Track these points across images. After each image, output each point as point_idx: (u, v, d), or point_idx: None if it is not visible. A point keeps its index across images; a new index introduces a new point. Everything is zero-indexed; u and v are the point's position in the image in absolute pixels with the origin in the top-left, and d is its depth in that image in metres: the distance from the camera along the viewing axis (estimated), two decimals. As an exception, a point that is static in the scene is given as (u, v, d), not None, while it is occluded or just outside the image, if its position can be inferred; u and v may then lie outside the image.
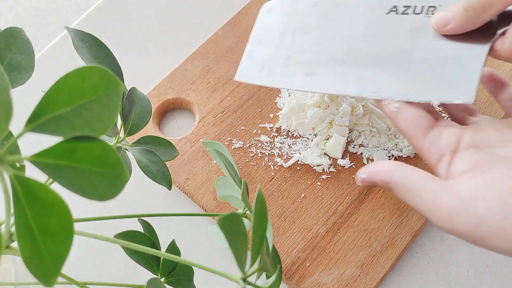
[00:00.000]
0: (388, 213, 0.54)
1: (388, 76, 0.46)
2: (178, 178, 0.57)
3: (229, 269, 0.53)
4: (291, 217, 0.55)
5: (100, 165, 0.27)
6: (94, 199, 0.28)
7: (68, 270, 0.37)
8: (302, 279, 0.52)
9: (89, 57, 0.43)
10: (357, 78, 0.47)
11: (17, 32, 0.40)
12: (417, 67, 0.45)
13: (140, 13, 0.73)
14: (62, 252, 0.27)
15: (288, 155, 0.58)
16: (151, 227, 0.44)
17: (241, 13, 0.69)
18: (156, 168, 0.46)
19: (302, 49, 0.51)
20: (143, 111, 0.46)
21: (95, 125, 0.28)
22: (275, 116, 0.61)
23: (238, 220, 0.30)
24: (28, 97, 0.42)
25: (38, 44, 1.55)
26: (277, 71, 0.51)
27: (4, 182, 0.28)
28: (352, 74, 0.47)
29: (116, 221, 0.53)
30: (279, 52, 0.52)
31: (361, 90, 0.46)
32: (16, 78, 0.40)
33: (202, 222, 0.57)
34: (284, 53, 0.51)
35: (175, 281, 0.43)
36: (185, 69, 0.65)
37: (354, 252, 0.53)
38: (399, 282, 0.53)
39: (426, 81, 0.44)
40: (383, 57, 0.47)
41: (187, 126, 0.63)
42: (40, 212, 0.27)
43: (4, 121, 0.26)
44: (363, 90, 0.46)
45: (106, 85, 0.28)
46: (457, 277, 0.53)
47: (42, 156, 0.27)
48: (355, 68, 0.48)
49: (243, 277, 0.32)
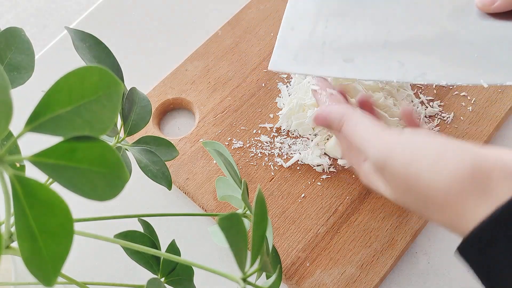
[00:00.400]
0: (388, 213, 0.54)
1: (432, 59, 0.44)
2: (178, 178, 0.57)
3: (229, 269, 0.53)
4: (291, 217, 0.55)
5: (100, 165, 0.27)
6: (94, 199, 0.28)
7: (68, 270, 0.37)
8: (302, 279, 0.52)
9: (89, 57, 0.43)
10: (399, 62, 0.45)
11: (17, 32, 0.40)
12: (462, 48, 0.43)
13: (140, 13, 0.73)
14: (62, 252, 0.27)
15: (288, 155, 0.58)
16: (151, 227, 0.44)
17: (241, 13, 0.69)
18: (156, 168, 0.46)
19: (337, 35, 0.48)
20: (143, 111, 0.46)
21: (95, 125, 0.28)
22: (275, 116, 0.61)
23: (238, 220, 0.30)
24: (28, 97, 0.41)
25: (38, 44, 1.55)
26: (313, 59, 0.48)
27: (4, 182, 0.28)
28: (393, 58, 0.45)
29: (116, 221, 0.53)
30: (313, 39, 0.49)
31: (404, 75, 0.44)
32: (16, 78, 0.40)
33: (202, 222, 0.57)
34: (319, 40, 0.49)
35: (175, 281, 0.43)
36: (185, 69, 0.65)
37: (354, 252, 0.53)
38: (399, 282, 0.53)
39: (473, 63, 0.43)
40: (425, 39, 0.45)
41: (187, 126, 0.63)
42: (40, 212, 0.27)
43: (4, 121, 0.26)
44: (407, 75, 0.44)
45: (106, 85, 0.28)
46: (457, 277, 0.53)
47: (42, 156, 0.27)
48: (396, 53, 0.45)
49: (243, 277, 0.32)
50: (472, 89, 0.61)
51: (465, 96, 0.60)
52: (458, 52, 0.44)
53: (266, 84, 0.63)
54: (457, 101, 0.60)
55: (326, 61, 0.48)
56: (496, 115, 0.59)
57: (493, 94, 0.60)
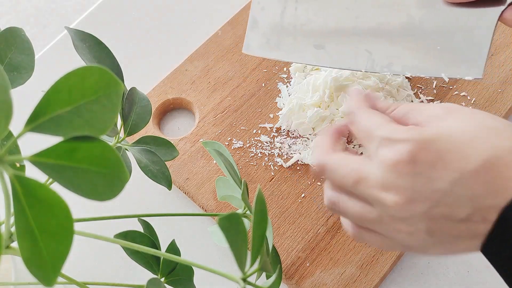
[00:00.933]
0: (388, 213, 0.54)
1: (398, 49, 0.45)
2: (178, 178, 0.57)
3: (229, 269, 0.53)
4: (291, 217, 0.55)
5: (100, 165, 0.27)
6: (94, 199, 0.28)
7: (68, 270, 0.37)
8: (302, 279, 0.52)
9: (89, 57, 0.43)
10: (367, 51, 0.46)
11: (17, 32, 0.40)
12: (427, 39, 0.44)
13: (140, 13, 0.73)
14: (62, 252, 0.27)
15: (288, 155, 0.58)
16: (151, 227, 0.44)
17: (241, 13, 0.69)
18: (156, 168, 0.46)
19: (307, 18, 0.49)
20: (143, 111, 0.46)
21: (95, 125, 0.28)
22: (275, 116, 0.61)
23: (238, 220, 0.30)
24: (28, 97, 0.41)
25: (38, 44, 1.55)
26: (285, 44, 0.49)
27: (4, 182, 0.28)
28: (361, 46, 0.46)
29: (116, 221, 0.53)
30: (284, 21, 0.50)
31: (372, 65, 0.45)
32: (16, 78, 0.40)
33: (202, 222, 0.57)
34: (289, 23, 0.49)
35: (175, 281, 0.43)
36: (185, 69, 0.65)
37: (354, 252, 0.53)
38: (399, 282, 0.53)
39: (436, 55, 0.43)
40: (392, 28, 0.45)
41: (187, 126, 0.63)
42: (40, 212, 0.27)
43: (4, 121, 0.26)
44: (374, 65, 0.45)
45: (106, 85, 0.28)
46: (457, 277, 0.53)
47: (42, 156, 0.27)
48: (364, 40, 0.46)
49: (243, 277, 0.32)
50: (472, 89, 0.61)
51: (465, 96, 0.61)
52: (422, 43, 0.44)
53: (266, 84, 0.63)
54: (457, 101, 0.60)
55: (298, 47, 0.48)
56: (496, 115, 0.59)
57: (493, 94, 0.60)
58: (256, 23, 0.51)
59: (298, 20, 0.49)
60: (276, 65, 0.64)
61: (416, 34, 0.45)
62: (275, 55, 0.50)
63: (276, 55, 0.49)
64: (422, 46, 0.44)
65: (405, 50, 0.44)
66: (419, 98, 0.61)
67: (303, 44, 0.48)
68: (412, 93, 0.60)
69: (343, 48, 0.47)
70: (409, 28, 0.45)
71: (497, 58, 0.63)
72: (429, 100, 0.61)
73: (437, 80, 0.62)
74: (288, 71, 0.63)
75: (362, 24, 0.46)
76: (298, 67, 0.62)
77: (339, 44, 0.47)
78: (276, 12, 0.50)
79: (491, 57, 0.63)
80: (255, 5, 0.52)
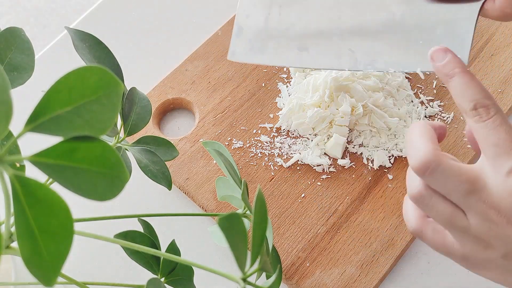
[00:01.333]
0: (388, 213, 0.54)
1: (381, 46, 0.45)
2: (178, 178, 0.57)
3: (229, 269, 0.53)
4: (291, 217, 0.55)
5: (100, 165, 0.27)
6: (94, 199, 0.28)
7: (68, 270, 0.37)
8: (302, 279, 0.52)
9: (89, 57, 0.43)
10: (350, 50, 0.46)
11: (17, 32, 0.40)
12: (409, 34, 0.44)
13: (140, 13, 0.73)
14: (62, 252, 0.27)
15: (288, 155, 0.58)
16: (151, 227, 0.44)
17: (241, 13, 0.69)
18: (156, 168, 0.47)
19: (290, 22, 0.49)
20: (143, 111, 0.46)
21: (95, 125, 0.28)
22: (275, 116, 0.61)
23: (238, 220, 0.30)
24: (28, 97, 0.41)
25: (38, 44, 1.55)
26: (269, 48, 0.50)
27: (4, 182, 0.28)
28: (344, 46, 0.46)
29: (116, 221, 0.53)
30: (268, 26, 0.50)
31: (355, 64, 0.46)
32: (16, 78, 0.40)
33: (202, 222, 0.57)
34: (273, 27, 0.50)
35: (175, 281, 0.43)
36: (185, 69, 0.65)
37: (354, 252, 0.53)
38: (399, 282, 0.53)
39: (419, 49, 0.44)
40: (374, 25, 0.46)
41: (187, 126, 0.63)
42: (40, 212, 0.27)
43: (4, 121, 0.26)
44: (358, 63, 0.45)
45: (106, 85, 0.28)
46: (457, 277, 0.53)
47: (42, 156, 0.27)
48: (346, 39, 0.46)
49: (243, 277, 0.32)
50: (472, 89, 0.61)
51: (465, 96, 0.60)
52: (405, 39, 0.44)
53: (266, 84, 0.63)
54: (457, 101, 0.60)
55: (282, 50, 0.49)
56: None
57: (493, 94, 0.60)
58: (241, 31, 0.51)
59: (281, 24, 0.50)
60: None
61: (398, 30, 0.45)
62: (259, 60, 0.50)
63: (260, 59, 0.50)
64: (404, 42, 0.44)
65: (387, 46, 0.45)
66: (419, 98, 0.61)
67: (287, 47, 0.49)
68: (412, 93, 0.60)
69: (326, 49, 0.47)
70: (390, 25, 0.45)
71: (497, 58, 0.63)
72: (429, 100, 0.61)
73: (437, 80, 0.62)
74: (288, 71, 0.63)
75: (345, 24, 0.47)
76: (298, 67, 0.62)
77: (322, 45, 0.47)
78: (261, 18, 0.51)
79: (491, 57, 0.63)
80: (240, 13, 0.52)
